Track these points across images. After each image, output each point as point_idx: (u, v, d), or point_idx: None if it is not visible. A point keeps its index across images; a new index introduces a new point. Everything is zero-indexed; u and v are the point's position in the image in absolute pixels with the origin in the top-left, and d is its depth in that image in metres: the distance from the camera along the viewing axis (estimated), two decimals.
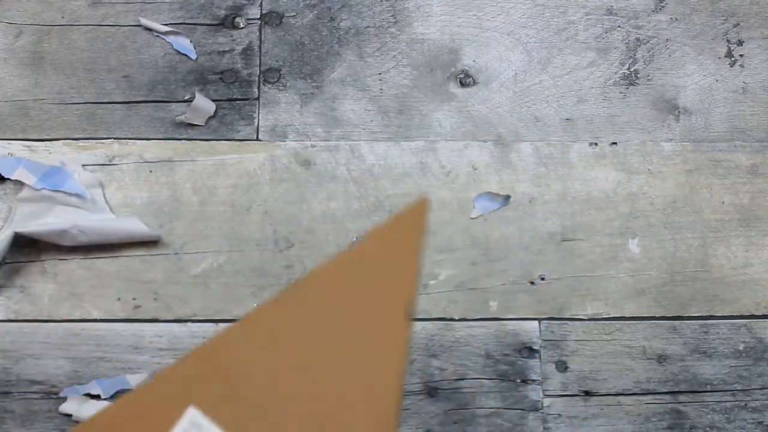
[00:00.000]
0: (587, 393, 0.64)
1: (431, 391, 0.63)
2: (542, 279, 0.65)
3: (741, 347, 0.65)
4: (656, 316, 0.65)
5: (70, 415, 0.60)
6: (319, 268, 0.27)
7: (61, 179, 0.62)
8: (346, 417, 0.25)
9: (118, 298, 0.63)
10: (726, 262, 0.66)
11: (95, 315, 0.62)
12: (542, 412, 0.63)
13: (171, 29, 0.67)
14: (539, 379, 0.64)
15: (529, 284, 0.65)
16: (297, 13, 0.68)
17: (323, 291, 0.27)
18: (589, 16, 0.70)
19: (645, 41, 0.69)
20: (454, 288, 0.65)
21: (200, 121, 0.66)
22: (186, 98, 0.66)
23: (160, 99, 0.66)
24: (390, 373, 0.25)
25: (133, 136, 0.65)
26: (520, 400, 0.63)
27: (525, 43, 0.69)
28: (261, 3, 0.68)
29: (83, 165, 0.64)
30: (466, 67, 0.68)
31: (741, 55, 0.70)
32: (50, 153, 0.65)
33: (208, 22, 0.68)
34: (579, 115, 0.68)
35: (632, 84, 0.69)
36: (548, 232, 0.66)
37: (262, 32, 0.68)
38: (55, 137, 0.65)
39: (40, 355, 0.62)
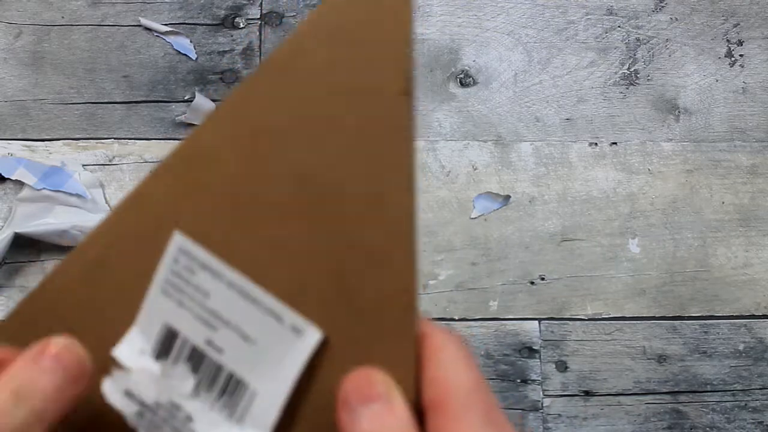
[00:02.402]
0: (587, 393, 0.64)
1: None
2: (542, 279, 0.65)
3: (741, 347, 0.65)
4: (656, 316, 0.65)
5: None
6: (284, 44, 0.21)
7: (61, 179, 0.62)
8: (353, 225, 0.21)
9: None
10: (726, 262, 0.66)
11: None
12: (542, 412, 0.63)
13: (171, 29, 0.67)
14: (539, 379, 0.64)
15: (529, 284, 0.65)
16: (297, 13, 0.68)
17: (295, 71, 0.21)
18: (589, 16, 0.70)
19: (645, 41, 0.69)
20: (454, 288, 0.65)
21: (200, 121, 0.65)
22: (186, 98, 0.66)
23: (160, 99, 0.66)
24: (399, 173, 0.20)
25: (133, 136, 0.65)
26: (520, 400, 0.63)
27: (525, 43, 0.69)
28: (261, 3, 0.68)
29: (83, 165, 0.64)
30: (466, 67, 0.68)
31: (741, 55, 0.70)
32: (50, 153, 0.65)
33: (208, 22, 0.68)
34: (579, 115, 0.68)
35: (632, 84, 0.69)
36: (548, 232, 0.66)
37: (262, 32, 0.68)
38: (55, 137, 0.65)
39: None
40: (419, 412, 0.20)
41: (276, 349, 0.21)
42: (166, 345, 0.22)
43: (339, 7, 0.21)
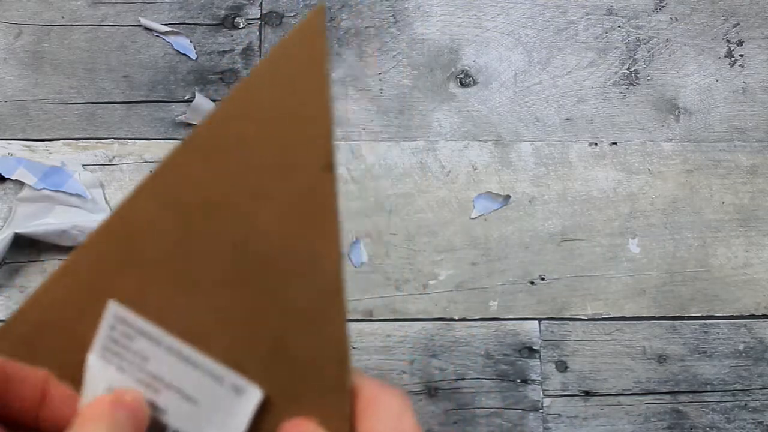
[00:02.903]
0: (587, 393, 0.64)
1: (431, 391, 0.63)
2: (542, 279, 0.65)
3: (741, 347, 0.65)
4: (656, 316, 0.65)
5: None
6: (210, 117, 0.22)
7: (61, 179, 0.62)
8: (286, 290, 0.22)
9: None
10: (726, 262, 0.66)
11: None
12: (542, 412, 0.63)
13: (171, 29, 0.67)
14: (539, 379, 0.64)
15: (529, 284, 0.65)
16: (297, 13, 0.68)
17: (222, 145, 0.22)
18: (589, 16, 0.70)
19: (645, 41, 0.69)
20: (454, 288, 0.65)
21: (200, 121, 0.65)
22: (186, 98, 0.66)
23: (160, 99, 0.66)
24: (326, 239, 0.21)
25: (133, 136, 0.65)
26: (520, 400, 0.63)
27: (525, 43, 0.69)
28: (261, 3, 0.68)
29: (83, 165, 0.64)
30: (466, 67, 0.68)
31: (741, 55, 0.70)
32: (50, 153, 0.65)
33: (208, 22, 0.68)
34: (579, 115, 0.68)
35: (632, 84, 0.69)
36: (548, 232, 0.66)
37: (262, 32, 0.68)
38: (55, 137, 0.65)
39: None
40: None
41: (218, 409, 0.22)
42: None
43: (261, 84, 0.22)
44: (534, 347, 0.64)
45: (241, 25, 0.68)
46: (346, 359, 0.22)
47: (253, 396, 0.22)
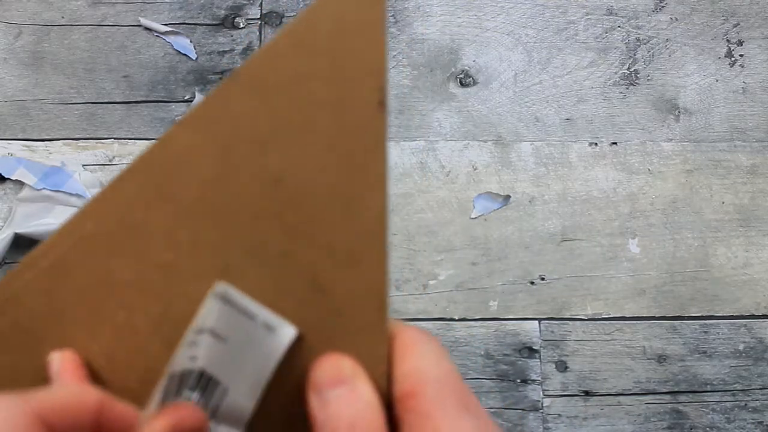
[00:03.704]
0: (587, 393, 0.64)
1: None
2: (542, 279, 0.65)
3: (741, 347, 0.65)
4: (656, 316, 0.65)
5: None
6: (261, 52, 0.21)
7: (61, 179, 0.62)
8: (327, 228, 0.21)
9: None
10: (726, 262, 0.66)
11: None
12: (542, 412, 0.63)
13: (171, 29, 0.67)
14: (539, 379, 0.64)
15: (529, 284, 0.65)
16: (297, 13, 0.68)
17: (274, 80, 0.21)
18: (589, 16, 0.70)
19: (645, 41, 0.69)
20: (454, 288, 0.65)
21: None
22: (186, 98, 0.66)
23: (160, 99, 0.66)
24: (372, 177, 0.21)
25: (133, 136, 0.65)
26: (520, 400, 0.63)
27: (525, 43, 0.69)
28: (261, 3, 0.68)
29: (83, 165, 0.64)
30: (466, 67, 0.68)
31: (741, 55, 0.70)
32: (50, 153, 0.65)
33: (208, 22, 0.68)
34: (579, 115, 0.68)
35: (632, 84, 0.69)
36: (548, 232, 0.66)
37: (262, 32, 0.68)
38: (55, 137, 0.65)
39: None
40: (389, 406, 0.21)
41: (249, 347, 0.21)
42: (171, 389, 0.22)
43: (314, 21, 0.21)
44: (534, 347, 0.64)
45: (241, 25, 0.68)
46: (385, 302, 0.21)
47: (286, 333, 0.21)
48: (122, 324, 0.22)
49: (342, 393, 0.20)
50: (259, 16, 0.68)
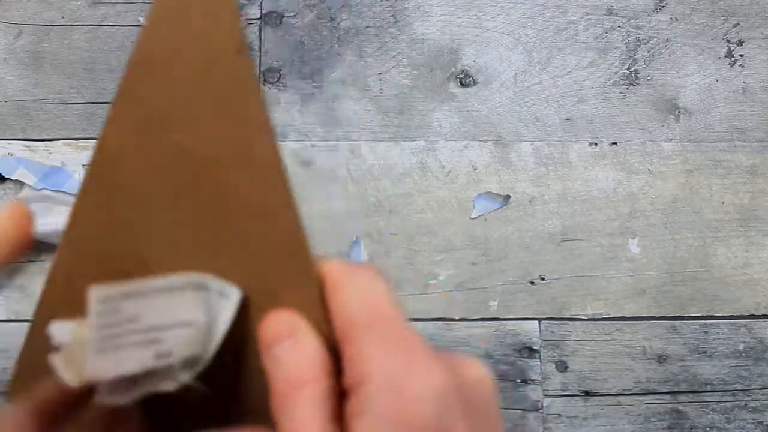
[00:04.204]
0: (587, 393, 0.64)
1: None
2: (542, 279, 0.65)
3: (741, 347, 0.65)
4: (656, 316, 0.65)
5: None
6: (137, 40, 0.23)
7: (61, 179, 0.62)
8: (231, 185, 0.22)
9: None
10: (726, 262, 0.66)
11: None
12: (542, 412, 0.63)
13: None
14: (539, 379, 0.64)
15: (529, 284, 0.65)
16: (297, 13, 0.68)
17: (151, 61, 0.23)
18: (589, 16, 0.70)
19: (645, 41, 0.69)
20: (454, 288, 0.65)
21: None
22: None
23: None
24: (255, 125, 0.22)
25: None
26: (520, 400, 0.63)
27: (525, 43, 0.69)
28: (261, 3, 0.68)
29: (83, 165, 0.64)
30: (466, 67, 0.68)
31: (741, 55, 0.70)
32: (50, 153, 0.65)
33: None
34: (579, 115, 0.68)
35: (632, 84, 0.69)
36: (548, 232, 0.66)
37: (262, 32, 0.68)
38: (55, 137, 0.65)
39: None
40: (335, 350, 0.21)
41: (214, 318, 0.22)
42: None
43: (165, 3, 0.23)
44: (534, 347, 0.64)
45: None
46: (304, 248, 0.22)
47: (234, 296, 0.22)
48: None
49: (287, 346, 0.21)
50: (259, 16, 0.68)
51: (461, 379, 0.20)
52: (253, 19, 0.68)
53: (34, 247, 0.62)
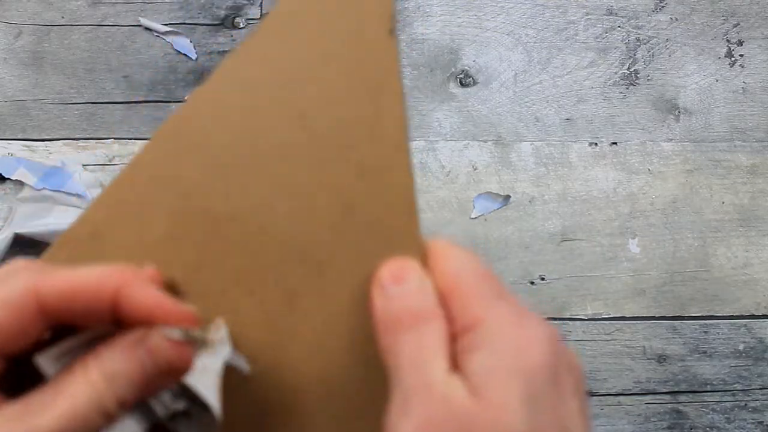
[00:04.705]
0: (587, 393, 0.64)
1: None
2: (542, 279, 0.65)
3: (741, 347, 0.65)
4: (656, 316, 0.65)
5: None
6: (275, 7, 0.23)
7: (61, 179, 0.62)
8: (352, 154, 0.22)
9: None
10: (726, 262, 0.66)
11: None
12: None
13: (171, 29, 0.67)
14: None
15: (529, 284, 0.65)
16: None
17: (291, 23, 0.23)
18: (589, 16, 0.70)
19: (645, 41, 0.69)
20: None
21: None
22: (186, 98, 0.66)
23: (160, 99, 0.66)
24: (389, 98, 0.22)
25: (133, 136, 0.65)
26: None
27: (525, 43, 0.69)
28: (261, 3, 0.68)
29: (83, 165, 0.64)
30: (466, 67, 0.68)
31: (741, 55, 0.70)
32: (50, 153, 0.65)
33: (208, 22, 0.68)
34: (579, 115, 0.68)
35: (632, 84, 0.69)
36: (548, 232, 0.66)
37: None
38: (55, 137, 0.65)
39: None
40: None
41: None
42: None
43: None
44: None
45: (241, 25, 0.68)
46: (415, 210, 0.23)
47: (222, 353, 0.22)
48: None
49: (407, 287, 0.22)
50: (259, 16, 0.68)
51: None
52: (253, 19, 0.68)
53: (34, 247, 0.62)
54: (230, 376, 0.22)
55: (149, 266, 0.22)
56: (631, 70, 0.69)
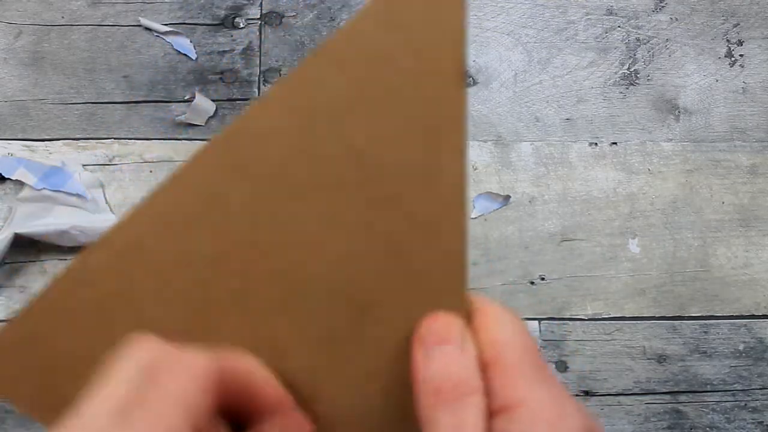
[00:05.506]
0: (587, 393, 0.64)
1: None
2: (542, 279, 0.65)
3: (741, 347, 0.65)
4: (656, 316, 0.65)
5: None
6: (342, 31, 0.21)
7: (61, 179, 0.62)
8: (406, 197, 0.22)
9: None
10: (726, 262, 0.66)
11: None
12: None
13: (171, 29, 0.67)
14: None
15: (529, 284, 0.65)
16: (297, 13, 0.68)
17: (354, 55, 0.21)
18: (589, 16, 0.70)
19: (645, 41, 0.69)
20: None
21: (200, 121, 0.66)
22: (186, 98, 0.66)
23: (160, 99, 0.66)
24: (451, 148, 0.21)
25: (133, 136, 0.65)
26: None
27: (525, 43, 0.69)
28: (261, 3, 0.68)
29: (83, 165, 0.64)
30: (466, 67, 0.68)
31: (741, 55, 0.70)
32: (50, 153, 0.65)
33: (208, 22, 0.68)
34: (579, 115, 0.68)
35: (632, 84, 0.69)
36: (548, 232, 0.66)
37: (262, 32, 0.68)
38: (55, 137, 0.65)
39: None
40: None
41: None
42: None
43: (393, 2, 0.22)
44: None
45: (241, 25, 0.68)
46: (464, 269, 0.22)
47: None
48: (198, 301, 0.22)
49: (449, 351, 0.21)
50: (259, 16, 0.68)
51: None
52: (253, 19, 0.68)
53: (34, 247, 0.62)
54: None
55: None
56: (631, 70, 0.69)
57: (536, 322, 0.64)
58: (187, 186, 0.22)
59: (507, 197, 0.66)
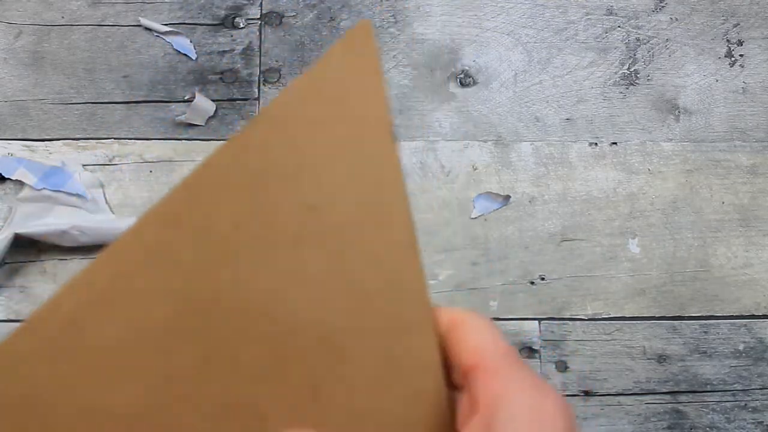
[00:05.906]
0: (587, 393, 0.64)
1: None
2: (542, 279, 0.65)
3: (741, 347, 0.65)
4: (656, 316, 0.65)
5: None
6: (276, 101, 0.24)
7: (61, 179, 0.62)
8: (363, 245, 0.23)
9: None
10: (726, 262, 0.66)
11: None
12: None
13: (171, 29, 0.67)
14: None
15: (529, 284, 0.65)
16: (297, 13, 0.68)
17: (294, 122, 0.23)
18: (589, 16, 0.70)
19: (645, 41, 0.69)
20: (454, 288, 0.65)
21: (200, 121, 0.66)
22: (186, 98, 0.66)
23: (160, 99, 0.66)
24: (396, 198, 0.24)
25: (133, 136, 0.65)
26: None
27: (525, 43, 0.69)
28: (261, 3, 0.68)
29: (83, 165, 0.64)
30: (466, 67, 0.68)
31: (741, 55, 0.70)
32: (50, 153, 0.65)
33: (208, 22, 0.68)
34: (579, 115, 0.68)
35: (632, 84, 0.69)
36: (548, 232, 0.66)
37: (262, 32, 0.68)
38: (55, 137, 0.65)
39: None
40: (451, 386, 0.23)
41: None
42: None
43: (321, 74, 0.24)
44: (534, 347, 0.64)
45: (241, 25, 0.68)
46: (426, 297, 0.23)
47: None
48: (158, 376, 0.21)
49: None
50: (259, 16, 0.68)
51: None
52: (253, 19, 0.68)
53: (34, 247, 0.62)
54: None
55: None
56: (631, 70, 0.69)
57: (536, 322, 0.64)
58: (136, 249, 0.22)
59: (507, 197, 0.66)
